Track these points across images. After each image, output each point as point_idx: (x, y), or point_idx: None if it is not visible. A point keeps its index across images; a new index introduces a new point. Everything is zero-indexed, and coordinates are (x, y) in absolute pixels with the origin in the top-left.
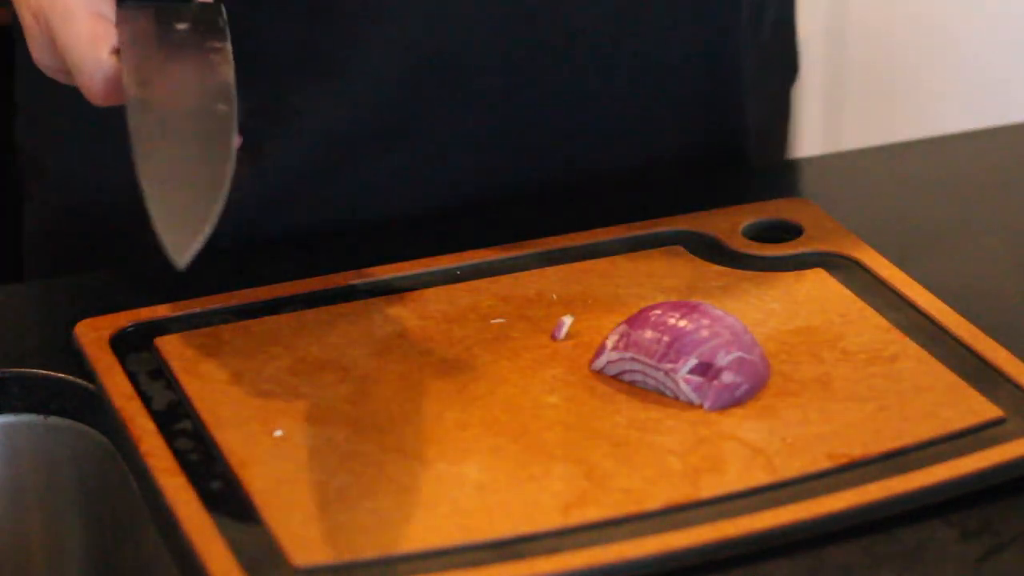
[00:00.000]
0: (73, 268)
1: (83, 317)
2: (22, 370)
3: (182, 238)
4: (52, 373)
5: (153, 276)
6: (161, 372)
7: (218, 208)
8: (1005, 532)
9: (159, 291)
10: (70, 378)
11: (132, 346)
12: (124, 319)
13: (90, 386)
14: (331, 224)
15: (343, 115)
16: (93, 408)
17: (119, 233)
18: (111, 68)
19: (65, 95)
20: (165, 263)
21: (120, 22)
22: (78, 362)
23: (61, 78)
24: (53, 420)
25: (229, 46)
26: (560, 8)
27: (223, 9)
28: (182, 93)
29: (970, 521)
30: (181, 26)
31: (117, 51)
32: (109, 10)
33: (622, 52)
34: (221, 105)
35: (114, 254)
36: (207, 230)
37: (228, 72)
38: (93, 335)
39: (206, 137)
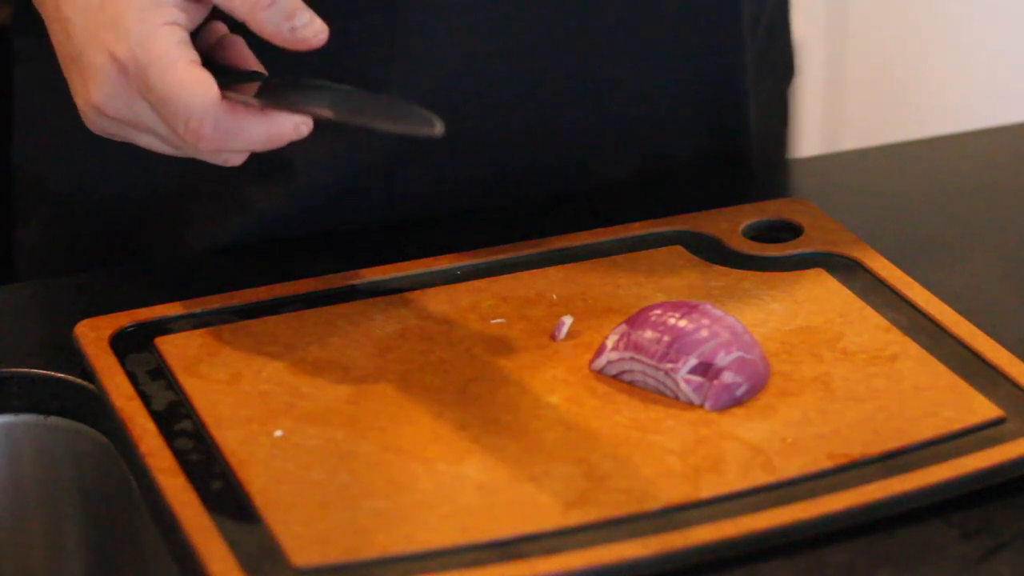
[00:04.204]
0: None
1: (83, 317)
2: (22, 370)
3: (426, 120)
4: (52, 373)
5: (153, 276)
6: (161, 372)
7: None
8: (1005, 532)
9: (159, 291)
10: (70, 378)
11: (132, 346)
12: (124, 319)
13: (90, 386)
14: (338, 228)
15: (362, 135)
16: (93, 408)
17: (117, 246)
18: (222, 111)
19: (65, 113)
20: (164, 263)
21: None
22: (78, 362)
23: (118, 129)
24: (53, 420)
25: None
26: (569, 21)
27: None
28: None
29: (970, 521)
30: (276, 82)
31: (223, 97)
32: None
33: (628, 61)
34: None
35: (110, 261)
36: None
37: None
38: (93, 335)
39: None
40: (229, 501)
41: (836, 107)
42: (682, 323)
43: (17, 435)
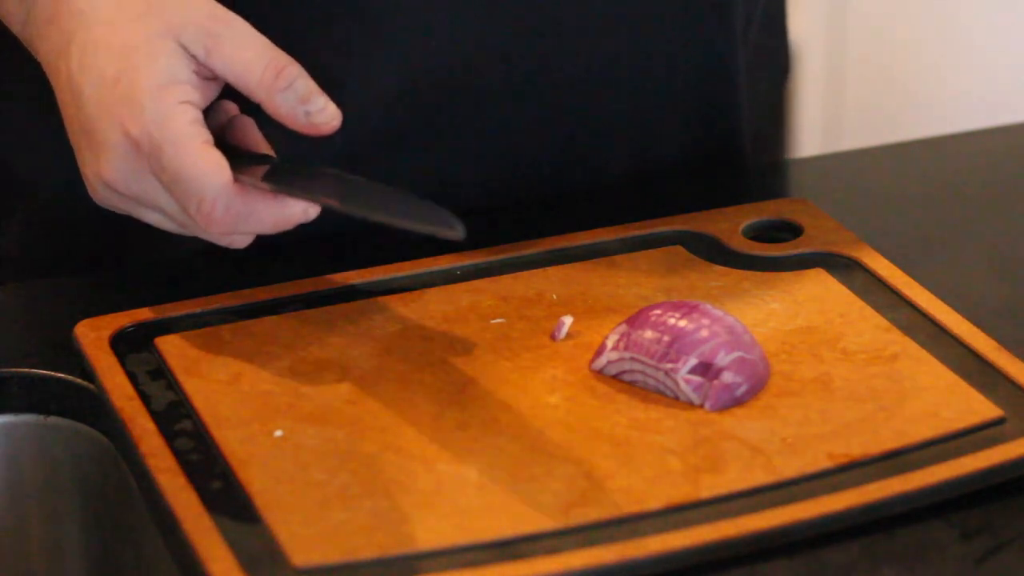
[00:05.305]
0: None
1: (83, 317)
2: (22, 370)
3: (446, 222)
4: (52, 373)
5: (153, 276)
6: (161, 372)
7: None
8: (1005, 532)
9: (159, 291)
10: (70, 378)
11: (132, 346)
12: (124, 319)
13: (90, 386)
14: (332, 227)
15: (344, 126)
16: (93, 408)
17: (103, 247)
18: (234, 194)
19: (50, 114)
20: (164, 263)
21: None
22: (78, 362)
23: (125, 205)
24: (53, 420)
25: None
26: (558, 17)
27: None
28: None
29: (970, 521)
30: (287, 165)
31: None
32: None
33: (619, 58)
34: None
35: (95, 264)
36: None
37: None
38: (93, 335)
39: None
40: (229, 501)
41: (836, 107)
42: (682, 323)
43: (17, 435)
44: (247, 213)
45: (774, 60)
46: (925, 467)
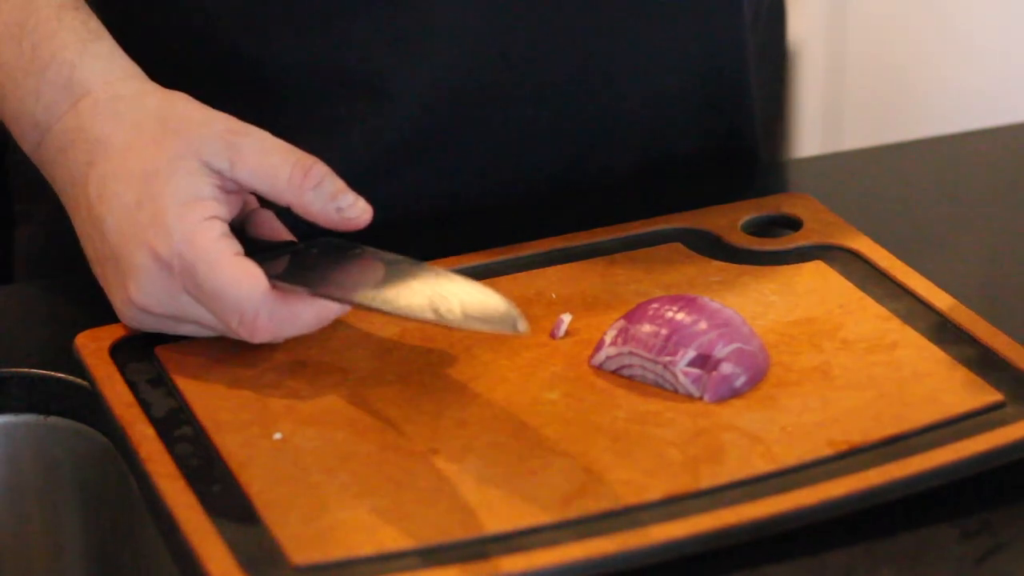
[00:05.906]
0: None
1: (83, 317)
2: (22, 370)
3: (508, 319)
4: (52, 373)
5: None
6: (161, 380)
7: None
8: (1005, 532)
9: None
10: (70, 378)
11: (132, 356)
12: (124, 329)
13: (89, 386)
14: (328, 232)
15: (362, 131)
16: (93, 408)
17: None
18: (274, 301)
19: None
20: None
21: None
22: (79, 363)
23: (158, 324)
24: (53, 420)
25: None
26: (571, 16)
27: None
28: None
29: (970, 521)
30: (314, 250)
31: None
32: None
33: (628, 57)
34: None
35: None
36: (513, 306)
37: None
38: (93, 346)
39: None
40: (229, 503)
41: (836, 107)
42: (680, 316)
43: (17, 435)
44: (290, 317)
45: (774, 51)
46: (925, 451)
